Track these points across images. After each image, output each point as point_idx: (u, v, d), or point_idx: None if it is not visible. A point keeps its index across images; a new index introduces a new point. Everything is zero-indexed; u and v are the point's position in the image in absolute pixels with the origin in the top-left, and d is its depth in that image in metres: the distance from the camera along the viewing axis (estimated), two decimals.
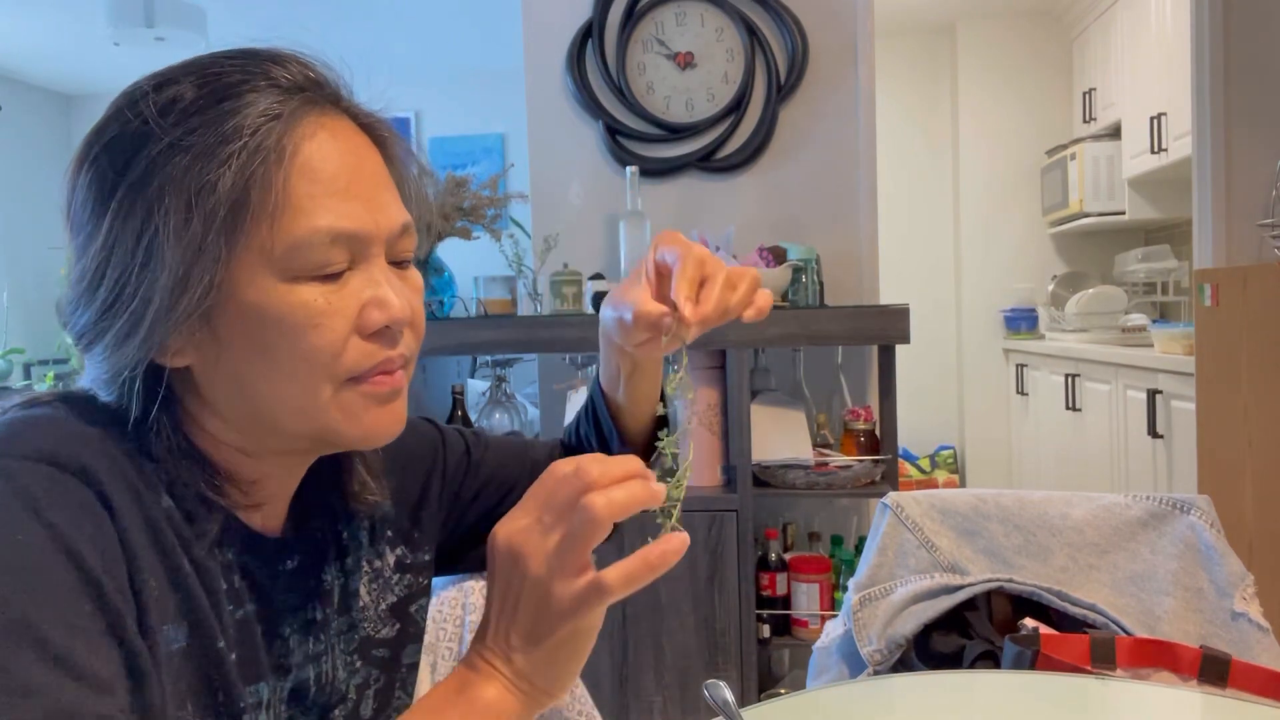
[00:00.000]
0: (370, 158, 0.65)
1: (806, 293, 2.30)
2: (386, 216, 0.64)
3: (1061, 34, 4.83)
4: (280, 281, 0.60)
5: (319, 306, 0.61)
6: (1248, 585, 1.22)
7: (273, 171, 0.59)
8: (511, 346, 2.24)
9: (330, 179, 0.61)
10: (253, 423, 0.65)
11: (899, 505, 1.36)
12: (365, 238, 0.62)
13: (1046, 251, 4.87)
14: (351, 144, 0.64)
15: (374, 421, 0.65)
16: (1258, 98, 2.63)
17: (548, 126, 2.56)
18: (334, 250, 0.61)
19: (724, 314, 0.74)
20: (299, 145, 0.61)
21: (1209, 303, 2.44)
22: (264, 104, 0.60)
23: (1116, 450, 3.52)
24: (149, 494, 0.60)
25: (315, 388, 0.62)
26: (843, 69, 2.50)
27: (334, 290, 0.62)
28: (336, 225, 0.61)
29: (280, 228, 0.59)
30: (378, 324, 0.63)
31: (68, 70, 5.35)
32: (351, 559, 0.77)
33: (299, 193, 0.60)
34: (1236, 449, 2.34)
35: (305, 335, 0.61)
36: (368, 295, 0.63)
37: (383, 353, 0.64)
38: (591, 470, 0.58)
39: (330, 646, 0.73)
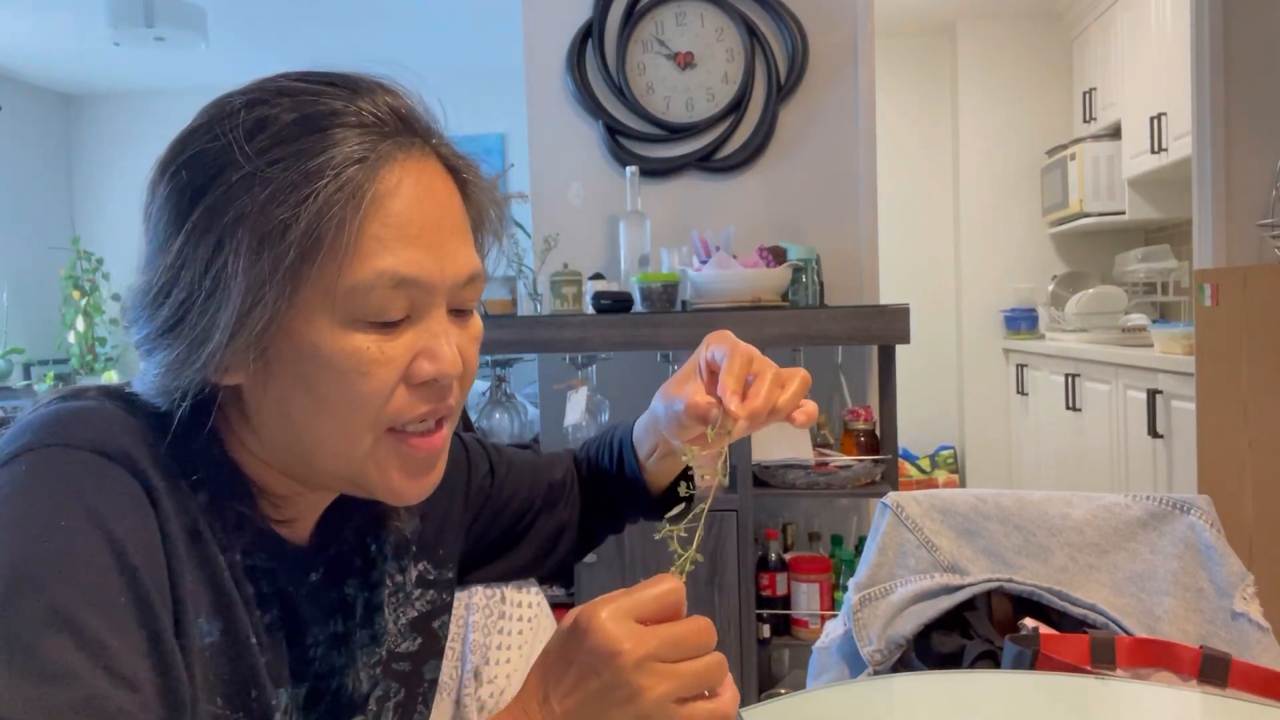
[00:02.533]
0: (449, 202, 0.64)
1: (806, 293, 2.30)
2: (454, 265, 0.63)
3: (1061, 34, 4.83)
4: (338, 325, 0.59)
5: (371, 355, 0.60)
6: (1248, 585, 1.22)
7: (349, 216, 0.58)
8: (511, 346, 2.24)
9: (403, 225, 0.60)
10: (290, 454, 0.64)
11: (899, 505, 1.36)
12: (428, 286, 0.61)
13: (1046, 251, 4.87)
14: (431, 188, 0.62)
15: (405, 484, 0.65)
16: (1258, 98, 2.63)
17: (548, 126, 2.56)
18: (394, 296, 0.60)
19: (772, 412, 0.72)
20: (381, 189, 0.59)
21: (1209, 303, 2.44)
22: (352, 143, 0.59)
23: (1116, 450, 3.52)
24: (188, 491, 0.61)
25: (356, 435, 0.62)
26: (843, 69, 2.50)
27: (388, 339, 0.61)
28: (400, 270, 0.60)
29: (347, 269, 0.58)
30: (426, 375, 0.62)
31: (68, 70, 5.35)
32: (376, 573, 0.76)
33: (369, 235, 0.59)
34: (1236, 449, 2.34)
35: (354, 382, 0.60)
36: (421, 345, 0.62)
37: (426, 405, 0.63)
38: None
39: (353, 659, 0.73)
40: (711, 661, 0.58)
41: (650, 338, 2.16)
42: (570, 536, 0.97)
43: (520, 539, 0.93)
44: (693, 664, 0.57)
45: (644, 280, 2.23)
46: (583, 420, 2.29)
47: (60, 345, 5.46)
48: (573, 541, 0.97)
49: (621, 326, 2.17)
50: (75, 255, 5.42)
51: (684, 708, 0.56)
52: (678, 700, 0.56)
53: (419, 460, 0.64)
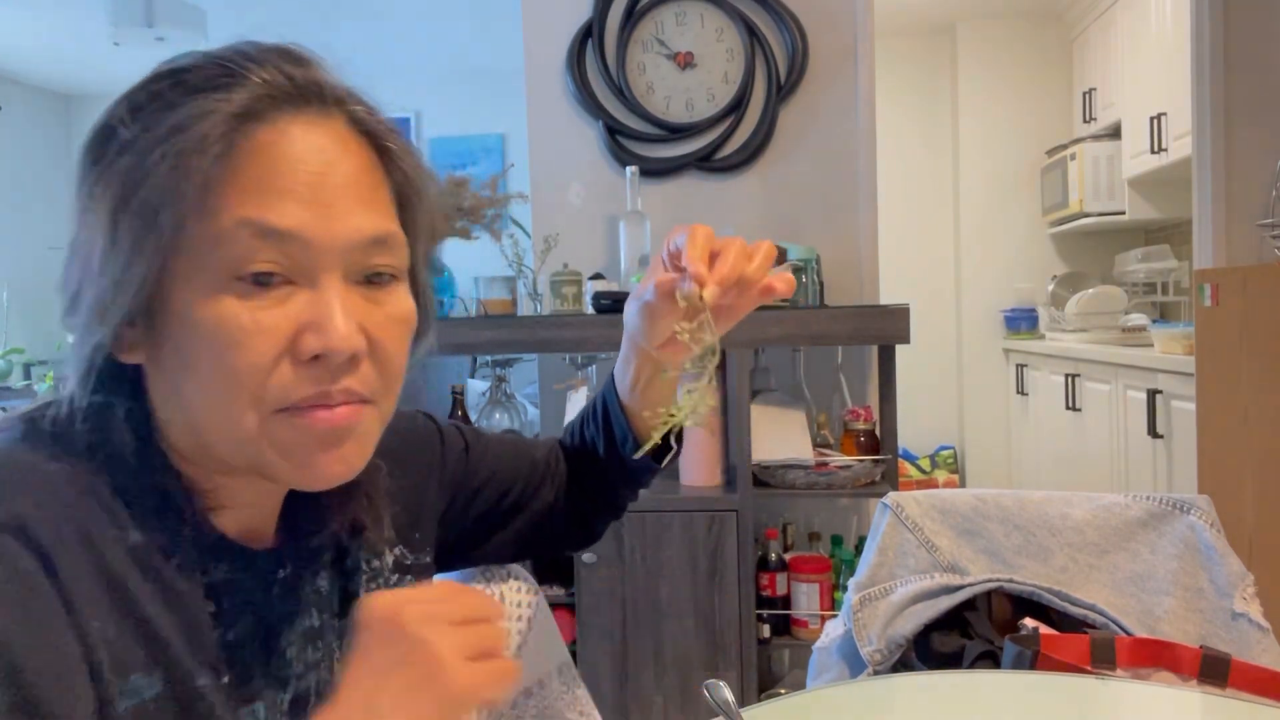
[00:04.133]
0: (349, 162, 0.60)
1: (806, 293, 2.30)
2: (346, 224, 0.58)
3: (1061, 34, 4.83)
4: (208, 290, 0.56)
5: (241, 323, 0.55)
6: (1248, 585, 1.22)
7: (210, 168, 0.55)
8: (511, 346, 2.24)
9: (275, 176, 0.56)
10: (191, 439, 0.60)
11: (899, 505, 1.36)
12: (306, 242, 0.57)
13: (1046, 251, 4.87)
14: (321, 146, 0.59)
15: (310, 462, 0.59)
16: (1258, 98, 2.63)
17: (548, 126, 2.56)
18: (260, 248, 0.55)
19: (741, 280, 0.72)
20: (252, 145, 0.56)
21: (1209, 303, 2.44)
22: (230, 102, 0.56)
23: (1116, 450, 3.52)
24: (112, 534, 0.56)
25: (239, 414, 0.57)
26: (843, 69, 2.50)
27: (264, 307, 0.56)
28: (266, 219, 0.55)
29: (213, 224, 0.55)
30: (311, 350, 0.57)
31: (68, 70, 5.35)
32: (351, 560, 0.74)
33: (234, 188, 0.55)
34: (1236, 449, 2.34)
35: (225, 354, 0.56)
36: (308, 317, 0.57)
37: (315, 386, 0.57)
38: None
39: (330, 653, 0.70)
40: (491, 628, 0.56)
41: None
42: (559, 520, 0.94)
43: (505, 521, 0.91)
44: (474, 626, 0.55)
45: None
46: None
47: (60, 345, 5.44)
48: (563, 525, 0.94)
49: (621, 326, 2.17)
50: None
51: (472, 664, 0.54)
52: (466, 655, 0.54)
53: (318, 435, 0.59)
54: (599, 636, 2.15)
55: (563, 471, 0.95)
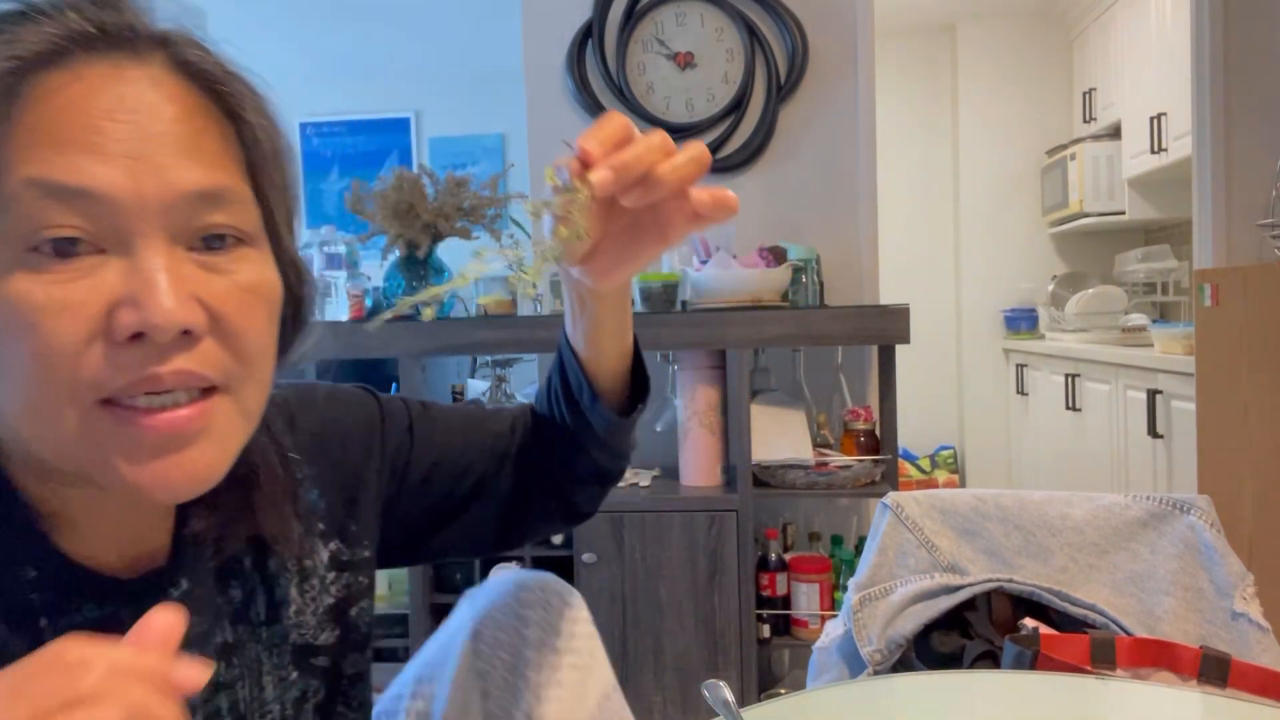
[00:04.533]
0: (169, 111, 0.50)
1: (806, 293, 2.30)
2: (159, 179, 0.49)
3: (1061, 34, 4.83)
4: (6, 266, 0.47)
5: (34, 301, 0.46)
6: (1248, 585, 1.22)
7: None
8: (511, 346, 2.24)
9: (66, 126, 0.47)
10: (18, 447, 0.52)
11: (899, 505, 1.36)
12: (112, 202, 0.47)
13: (1046, 251, 4.87)
14: (132, 92, 0.50)
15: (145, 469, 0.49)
16: (1258, 98, 2.63)
17: (548, 126, 2.56)
18: (53, 210, 0.47)
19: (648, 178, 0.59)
20: (40, 89, 0.48)
21: (1209, 303, 2.44)
22: (12, 48, 0.48)
23: (1116, 450, 3.52)
24: None
25: (55, 410, 0.48)
26: (843, 69, 2.50)
27: (63, 280, 0.47)
28: (48, 176, 0.47)
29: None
30: (126, 329, 0.47)
31: None
32: (275, 560, 0.66)
33: (19, 144, 0.47)
34: (1236, 449, 2.34)
35: (22, 339, 0.47)
36: (122, 289, 0.48)
37: (139, 369, 0.48)
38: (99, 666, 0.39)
39: (248, 668, 0.63)
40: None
41: (650, 338, 2.16)
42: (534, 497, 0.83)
43: (464, 506, 0.81)
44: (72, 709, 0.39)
45: (644, 280, 2.23)
46: None
47: None
48: (539, 502, 0.83)
49: None
50: None
51: None
52: None
53: (149, 444, 0.49)
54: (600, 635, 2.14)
55: (529, 442, 0.83)
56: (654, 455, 2.44)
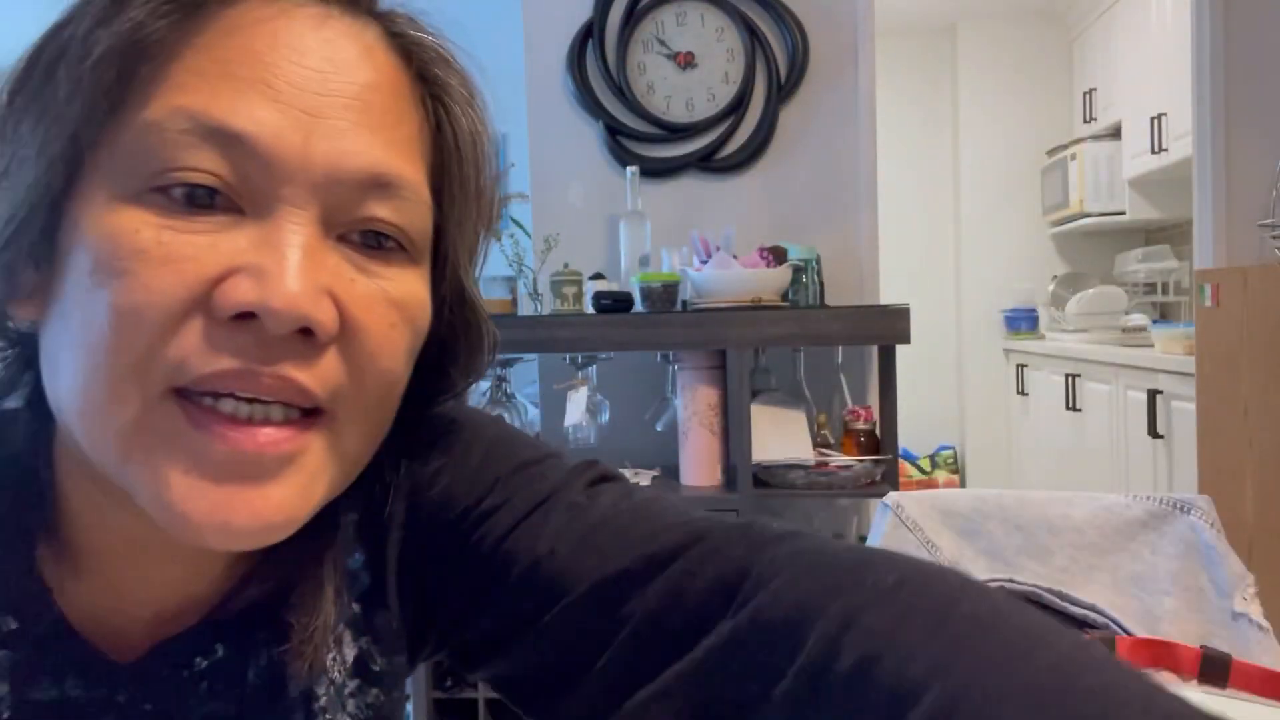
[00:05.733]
0: (369, 75, 0.42)
1: (806, 293, 2.30)
2: (334, 145, 0.39)
3: (1061, 34, 4.83)
4: (115, 199, 0.38)
5: (141, 241, 0.36)
6: (1248, 585, 1.22)
7: (174, 38, 0.38)
8: (511, 346, 2.24)
9: (244, 58, 0.39)
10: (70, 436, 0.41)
11: (899, 505, 1.36)
12: (270, 160, 0.38)
13: (1047, 251, 4.87)
14: (339, 43, 0.41)
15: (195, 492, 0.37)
16: (1258, 98, 2.63)
17: (548, 126, 2.56)
18: (194, 151, 0.37)
19: None
20: (230, 21, 0.39)
21: (1209, 303, 2.44)
22: None
23: (1116, 450, 3.52)
24: None
25: (115, 386, 0.37)
26: (843, 69, 2.50)
27: (183, 229, 0.37)
28: (212, 113, 0.37)
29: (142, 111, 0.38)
30: (235, 302, 0.37)
31: None
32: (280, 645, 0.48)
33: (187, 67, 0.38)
34: (1236, 449, 2.34)
35: (106, 284, 0.36)
36: (242, 258, 0.37)
37: (233, 359, 0.37)
38: None
39: None
40: None
41: (650, 338, 2.16)
42: None
43: None
44: None
45: (644, 280, 2.23)
46: (583, 420, 2.29)
47: None
48: None
49: (621, 326, 2.17)
50: None
51: None
52: None
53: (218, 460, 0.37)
54: None
55: None
56: (654, 455, 2.44)
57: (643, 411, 2.46)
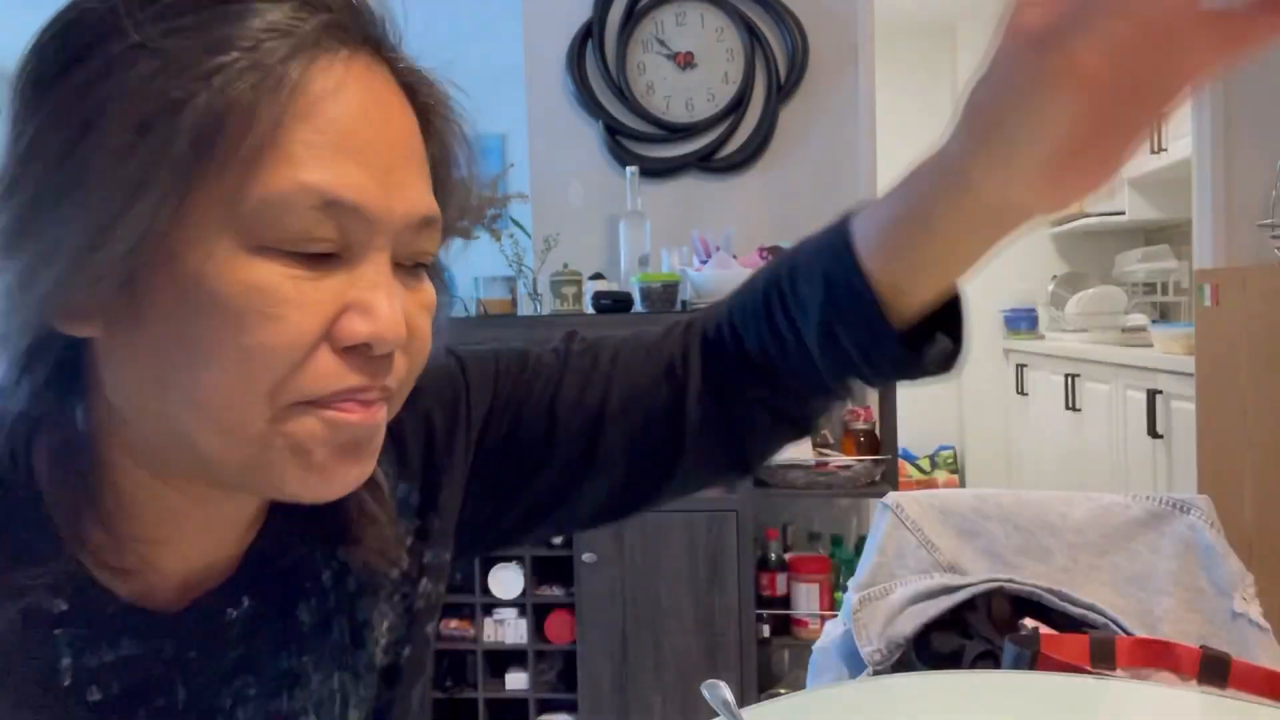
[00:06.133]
0: (403, 125, 0.49)
1: None
2: (405, 200, 0.47)
3: None
4: (239, 250, 0.43)
5: (284, 293, 0.43)
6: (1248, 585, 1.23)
7: (264, 102, 0.43)
8: None
9: (343, 134, 0.45)
10: (162, 435, 0.47)
11: (899, 505, 1.36)
12: (369, 219, 0.45)
13: (1046, 251, 4.87)
14: (383, 100, 0.47)
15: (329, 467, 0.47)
16: (1258, 98, 2.63)
17: (548, 126, 2.56)
18: (321, 222, 0.44)
19: None
20: (310, 78, 0.44)
21: (1209, 303, 2.44)
22: (276, 15, 0.44)
23: (1116, 450, 3.52)
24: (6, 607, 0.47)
25: (253, 403, 0.45)
26: (843, 69, 2.50)
27: (308, 278, 0.44)
28: (333, 190, 0.44)
29: (258, 177, 0.43)
30: (356, 337, 0.45)
31: None
32: (354, 580, 0.59)
33: (294, 138, 0.43)
34: (1236, 449, 2.34)
35: (256, 328, 0.43)
36: (353, 296, 0.45)
37: (355, 377, 0.46)
38: None
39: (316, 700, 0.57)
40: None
41: None
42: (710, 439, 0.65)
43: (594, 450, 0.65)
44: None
45: (644, 280, 2.23)
46: None
47: None
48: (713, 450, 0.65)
49: (621, 327, 2.16)
50: None
51: None
52: None
53: (349, 436, 0.47)
54: (599, 636, 2.15)
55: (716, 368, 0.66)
56: None
57: None
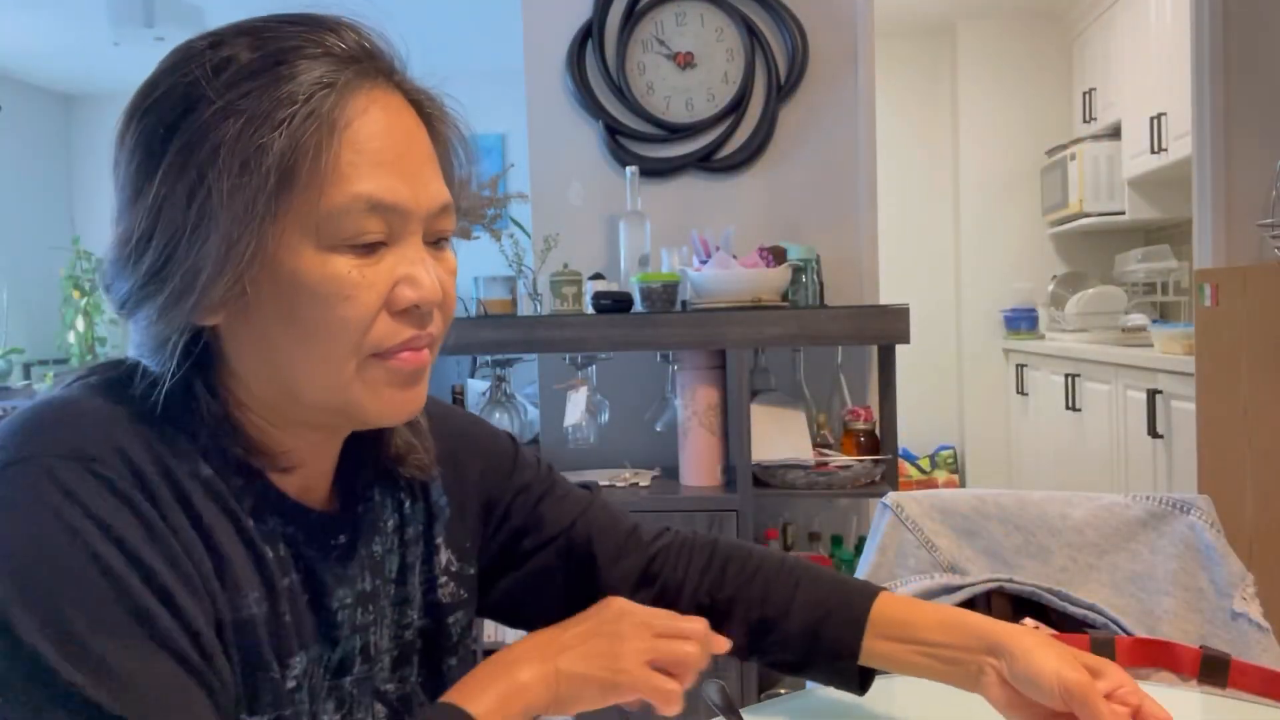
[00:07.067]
0: (418, 135, 0.66)
1: (806, 293, 2.30)
2: (428, 194, 0.65)
3: (1061, 34, 4.83)
4: (317, 250, 0.61)
5: (352, 279, 0.61)
6: (1248, 585, 1.22)
7: (324, 139, 0.59)
8: (511, 346, 2.24)
9: (377, 151, 0.62)
10: (275, 390, 0.65)
11: (899, 505, 1.36)
12: (404, 212, 0.63)
13: (1046, 251, 4.87)
14: (400, 119, 0.64)
15: (393, 398, 0.66)
16: (1258, 98, 2.63)
17: (548, 126, 2.56)
18: (370, 220, 0.61)
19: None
20: (350, 116, 0.61)
21: (1209, 303, 2.44)
22: (319, 72, 0.60)
23: (1116, 450, 3.52)
24: (186, 468, 0.61)
25: (340, 360, 0.63)
26: (843, 69, 2.50)
27: (368, 264, 0.62)
28: (376, 194, 0.61)
29: (324, 193, 0.60)
30: (408, 302, 0.63)
31: (68, 70, 5.35)
32: (411, 530, 0.77)
33: (344, 161, 0.60)
34: (1236, 449, 2.33)
35: (336, 306, 0.61)
36: (401, 272, 0.63)
37: (409, 330, 0.64)
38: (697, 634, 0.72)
39: (380, 617, 0.73)
40: (689, 649, 0.70)
41: (650, 338, 2.16)
42: None
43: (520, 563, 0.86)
44: (671, 643, 0.70)
45: (644, 280, 2.23)
46: (582, 420, 2.29)
47: (60, 345, 5.46)
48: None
49: (621, 326, 2.17)
50: (75, 255, 5.42)
51: (647, 670, 0.68)
52: (647, 660, 0.69)
53: (406, 375, 0.65)
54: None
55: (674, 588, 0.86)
56: (654, 455, 2.44)
57: (643, 411, 2.46)
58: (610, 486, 2.23)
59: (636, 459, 2.44)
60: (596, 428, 2.34)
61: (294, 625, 0.65)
